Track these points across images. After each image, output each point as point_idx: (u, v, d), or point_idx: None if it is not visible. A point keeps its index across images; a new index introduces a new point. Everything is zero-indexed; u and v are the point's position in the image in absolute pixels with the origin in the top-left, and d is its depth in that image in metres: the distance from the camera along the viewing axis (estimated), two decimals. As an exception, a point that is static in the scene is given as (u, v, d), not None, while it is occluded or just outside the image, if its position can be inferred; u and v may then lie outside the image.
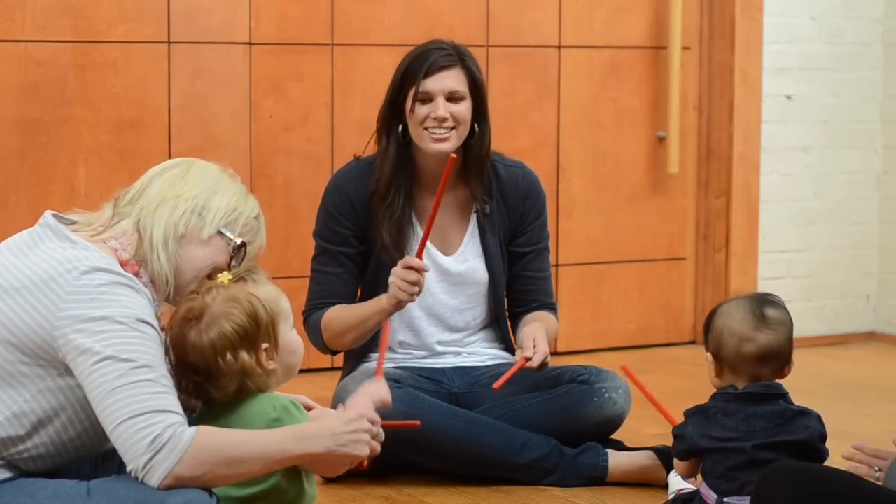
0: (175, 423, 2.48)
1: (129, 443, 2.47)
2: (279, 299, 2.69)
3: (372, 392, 2.73)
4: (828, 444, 3.01)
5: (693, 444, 3.03)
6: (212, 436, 2.51)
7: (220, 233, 2.71)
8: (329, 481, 3.59)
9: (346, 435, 2.58)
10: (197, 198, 2.69)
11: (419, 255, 3.56)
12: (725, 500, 2.97)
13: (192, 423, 2.70)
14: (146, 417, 2.46)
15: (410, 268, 3.53)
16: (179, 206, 2.68)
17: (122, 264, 2.63)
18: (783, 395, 3.02)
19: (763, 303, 3.06)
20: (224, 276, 2.67)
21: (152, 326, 2.56)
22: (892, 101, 5.84)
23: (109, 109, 4.73)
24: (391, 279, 3.56)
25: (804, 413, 3.00)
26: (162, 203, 2.68)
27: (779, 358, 3.03)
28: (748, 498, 2.92)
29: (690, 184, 5.67)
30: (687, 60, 5.58)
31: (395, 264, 3.67)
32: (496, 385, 3.55)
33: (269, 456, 2.52)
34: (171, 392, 2.53)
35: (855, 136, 5.84)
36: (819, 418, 3.00)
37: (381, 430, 2.64)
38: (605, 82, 5.48)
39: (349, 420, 2.60)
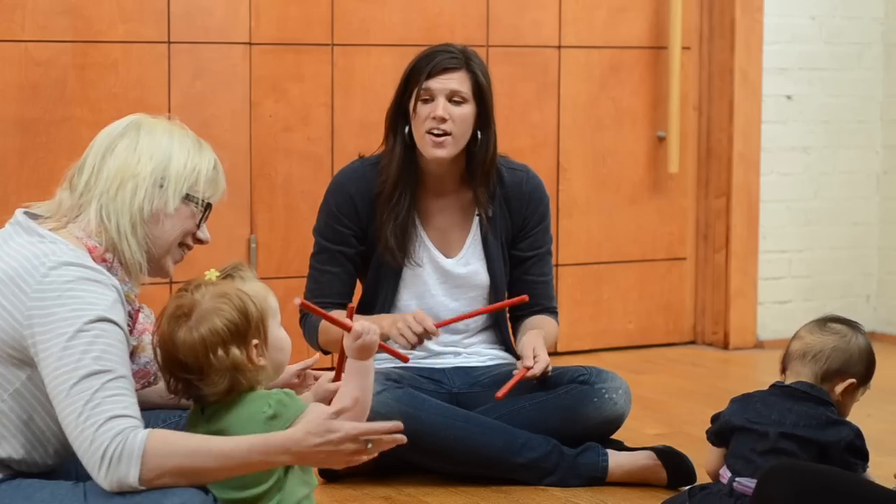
0: (124, 428, 2.45)
1: (85, 459, 2.46)
2: (267, 296, 2.69)
3: (358, 351, 2.64)
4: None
5: (726, 420, 3.12)
6: (165, 443, 2.47)
7: (185, 199, 2.70)
8: (330, 480, 3.59)
9: (320, 454, 2.50)
10: (154, 171, 2.67)
11: (439, 325, 3.58)
12: (737, 479, 3.02)
13: (182, 426, 2.69)
14: (93, 431, 2.44)
15: (423, 325, 3.54)
16: (140, 187, 2.66)
17: (91, 251, 2.61)
18: (826, 403, 3.04)
19: (837, 319, 3.16)
20: (212, 273, 2.66)
21: (115, 324, 2.53)
22: (892, 101, 5.83)
23: (109, 109, 4.73)
24: (405, 319, 3.56)
25: (841, 423, 3.03)
26: (121, 186, 2.65)
27: (822, 361, 3.08)
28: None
29: (690, 184, 5.67)
30: (687, 60, 5.58)
31: (398, 266, 3.70)
32: (499, 394, 3.54)
33: (232, 467, 2.49)
34: (125, 393, 2.50)
35: (855, 136, 5.84)
36: (858, 433, 3.03)
37: (370, 441, 2.53)
38: (605, 82, 5.48)
39: (330, 442, 2.49)
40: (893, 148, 5.85)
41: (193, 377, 2.59)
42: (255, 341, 2.62)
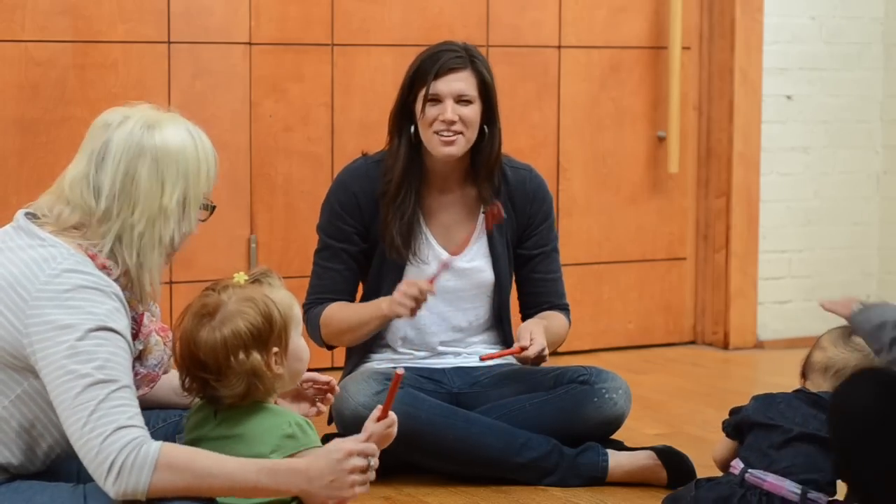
0: (133, 439, 2.44)
1: (91, 468, 2.45)
2: (292, 305, 2.68)
3: (377, 440, 2.67)
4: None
5: (745, 416, 3.12)
6: (176, 459, 2.46)
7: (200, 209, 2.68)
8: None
9: (326, 477, 2.51)
10: (178, 199, 2.61)
11: (431, 282, 3.56)
12: (750, 470, 3.02)
13: (190, 421, 2.69)
14: (99, 442, 2.43)
15: (416, 287, 3.53)
16: (169, 222, 2.61)
17: (92, 258, 2.58)
18: None
19: None
20: (240, 276, 2.66)
21: (115, 332, 2.51)
22: (892, 101, 5.83)
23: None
24: (396, 292, 3.56)
25: None
26: (148, 223, 2.59)
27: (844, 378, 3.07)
28: (771, 475, 2.96)
29: (690, 184, 5.67)
30: (687, 60, 5.58)
31: (403, 262, 3.72)
32: (483, 356, 3.58)
33: (240, 488, 2.49)
34: (129, 403, 2.48)
35: (855, 136, 5.84)
36: None
37: (375, 460, 2.56)
38: (605, 82, 5.48)
39: (335, 461, 2.52)
40: (893, 148, 5.85)
41: (211, 377, 2.59)
42: (275, 349, 2.61)
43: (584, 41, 5.43)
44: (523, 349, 3.58)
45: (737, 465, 3.09)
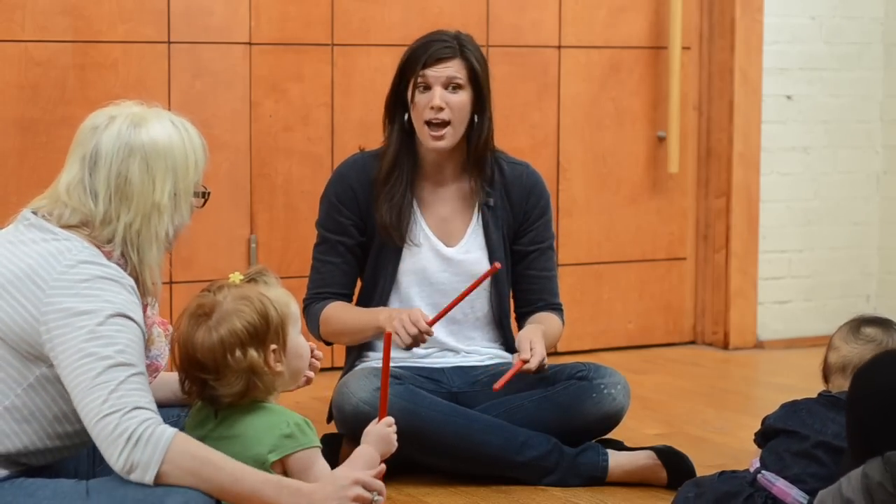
0: (150, 418, 2.47)
1: (105, 443, 2.47)
2: (289, 302, 2.68)
3: (377, 441, 2.71)
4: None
5: (769, 425, 3.12)
6: (188, 447, 2.49)
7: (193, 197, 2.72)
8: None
9: (325, 497, 2.53)
10: (170, 192, 2.66)
11: (432, 322, 3.54)
12: (763, 472, 3.02)
13: (191, 421, 2.69)
14: (119, 416, 2.46)
15: (417, 327, 3.51)
16: (163, 216, 2.65)
17: (106, 255, 2.62)
18: None
19: (870, 321, 3.13)
20: (235, 276, 2.67)
21: (132, 320, 2.55)
22: (892, 101, 5.83)
23: (109, 109, 4.73)
24: (400, 317, 3.53)
25: None
26: (144, 220, 2.64)
27: None
28: (781, 480, 2.97)
29: (690, 184, 5.67)
30: (687, 60, 5.58)
31: (395, 246, 3.73)
32: (497, 385, 3.54)
33: (242, 491, 2.50)
34: (146, 389, 2.52)
35: (855, 136, 5.84)
36: None
37: (380, 497, 2.59)
38: (605, 82, 5.48)
39: (340, 488, 2.54)
40: (893, 148, 5.85)
41: (210, 377, 2.59)
42: (273, 346, 2.61)
43: (584, 41, 5.43)
44: (524, 362, 3.57)
45: (753, 464, 3.09)
